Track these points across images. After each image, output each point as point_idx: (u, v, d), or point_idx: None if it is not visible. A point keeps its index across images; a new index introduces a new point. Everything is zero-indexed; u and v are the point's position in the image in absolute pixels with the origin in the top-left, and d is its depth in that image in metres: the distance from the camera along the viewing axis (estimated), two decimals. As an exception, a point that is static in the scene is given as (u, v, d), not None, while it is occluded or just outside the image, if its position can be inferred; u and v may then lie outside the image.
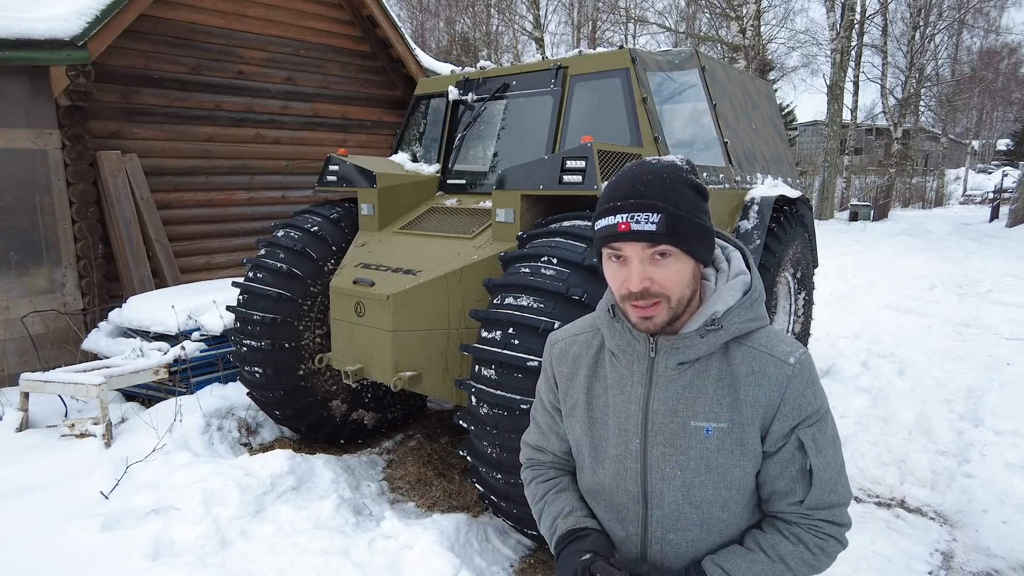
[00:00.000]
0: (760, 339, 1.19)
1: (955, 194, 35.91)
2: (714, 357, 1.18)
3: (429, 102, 4.68)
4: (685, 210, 1.10)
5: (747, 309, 1.17)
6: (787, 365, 1.15)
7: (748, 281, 1.20)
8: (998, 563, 3.17)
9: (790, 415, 1.15)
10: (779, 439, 1.16)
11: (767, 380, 1.15)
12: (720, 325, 1.15)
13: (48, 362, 5.46)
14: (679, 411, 1.18)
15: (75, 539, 2.91)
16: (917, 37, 26.19)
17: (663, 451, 1.19)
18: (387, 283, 3.37)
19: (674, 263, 1.11)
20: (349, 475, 3.83)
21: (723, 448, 1.16)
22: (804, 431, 1.15)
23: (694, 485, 1.18)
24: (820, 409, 1.16)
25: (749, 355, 1.17)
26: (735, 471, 1.17)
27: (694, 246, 1.12)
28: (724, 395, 1.16)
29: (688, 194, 1.11)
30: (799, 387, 1.15)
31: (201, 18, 6.65)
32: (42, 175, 5.60)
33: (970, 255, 13.52)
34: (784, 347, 1.17)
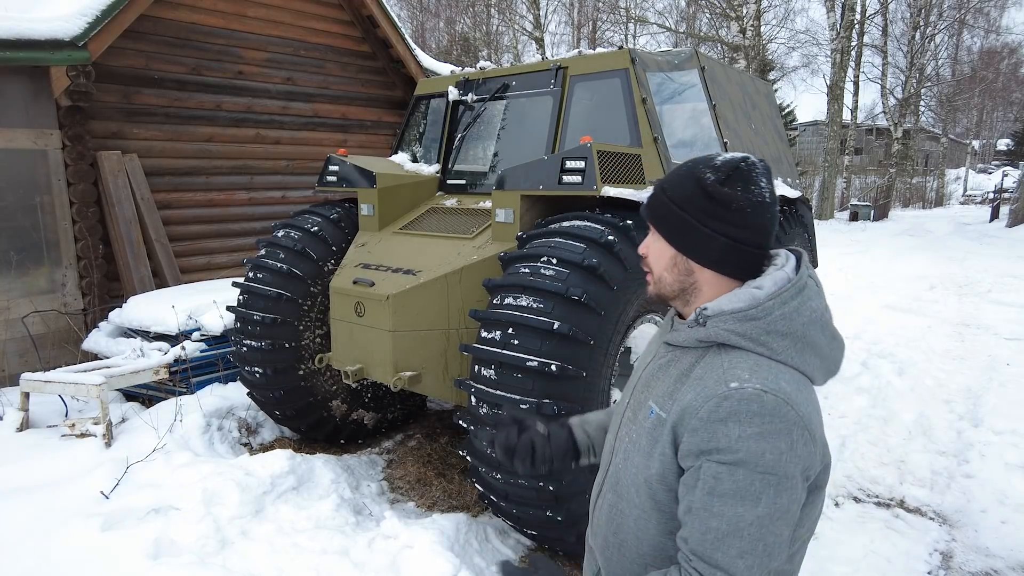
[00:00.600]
0: (736, 358, 1.09)
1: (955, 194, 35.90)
2: (692, 352, 1.17)
3: (429, 102, 4.68)
4: (672, 197, 1.15)
5: (737, 322, 1.09)
6: (726, 387, 1.05)
7: (758, 297, 1.10)
8: (997, 563, 3.18)
9: (699, 432, 1.04)
10: (688, 456, 1.07)
11: (701, 389, 1.08)
12: (704, 322, 1.13)
13: (48, 362, 5.46)
14: (650, 385, 1.23)
15: (75, 539, 2.91)
16: (917, 37, 26.18)
17: (629, 416, 1.26)
18: (387, 283, 3.38)
19: (656, 241, 1.21)
20: (349, 475, 3.83)
21: (652, 434, 1.15)
22: (709, 463, 1.03)
23: (629, 457, 1.21)
24: (741, 453, 1.00)
25: (712, 364, 1.11)
26: (649, 460, 1.15)
27: (668, 231, 1.17)
28: (676, 389, 1.14)
29: (684, 185, 1.14)
30: (719, 413, 1.03)
31: (201, 18, 6.66)
32: (42, 175, 5.60)
33: (970, 255, 13.52)
34: (743, 375, 1.05)
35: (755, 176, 1.13)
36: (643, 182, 3.36)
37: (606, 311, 2.82)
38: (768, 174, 1.16)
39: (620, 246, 2.89)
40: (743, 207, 1.11)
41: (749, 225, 1.12)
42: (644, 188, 3.29)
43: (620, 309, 2.91)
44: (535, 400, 2.63)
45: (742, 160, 1.13)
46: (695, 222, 1.13)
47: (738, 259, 1.14)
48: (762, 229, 1.13)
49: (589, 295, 2.74)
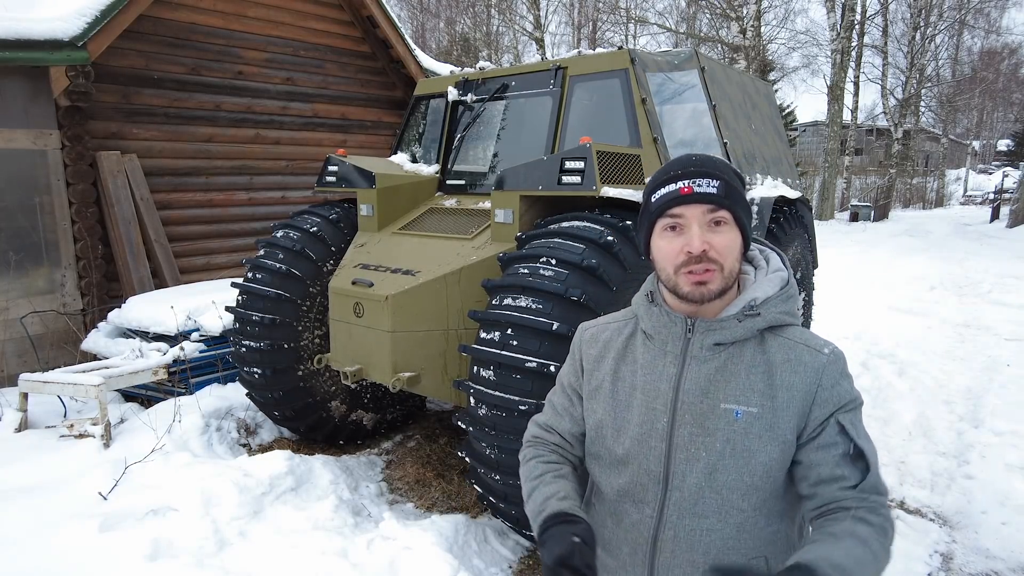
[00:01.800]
0: (795, 332, 1.23)
1: (955, 195, 35.91)
2: (749, 343, 1.22)
3: (428, 103, 4.68)
4: (739, 184, 1.21)
5: (783, 302, 1.23)
6: (822, 355, 1.19)
7: (786, 277, 1.26)
8: (997, 564, 3.17)
9: (828, 401, 1.16)
10: (819, 424, 1.16)
11: (803, 368, 1.18)
12: (758, 312, 1.20)
13: (47, 362, 5.46)
14: (710, 392, 1.20)
15: (74, 540, 2.91)
16: (917, 37, 26.18)
17: (691, 431, 1.20)
18: (386, 284, 3.37)
19: (729, 231, 1.18)
20: (348, 476, 3.83)
21: (751, 432, 1.17)
22: (843, 415, 1.16)
23: (717, 468, 1.18)
24: (856, 399, 1.19)
25: (785, 345, 1.21)
26: (760, 456, 1.17)
27: (745, 219, 1.21)
28: (757, 380, 1.19)
29: (735, 175, 1.22)
30: (835, 375, 1.18)
31: (201, 18, 6.65)
32: (42, 175, 5.60)
33: (970, 256, 13.51)
34: (818, 340, 1.22)
35: None
36: (643, 182, 3.35)
37: (605, 312, 2.81)
38: None
39: (619, 247, 2.89)
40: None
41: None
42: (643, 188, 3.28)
43: (619, 309, 2.90)
44: (534, 401, 2.62)
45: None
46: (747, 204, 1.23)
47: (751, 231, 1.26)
48: None
49: (588, 296, 2.73)
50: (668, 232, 1.20)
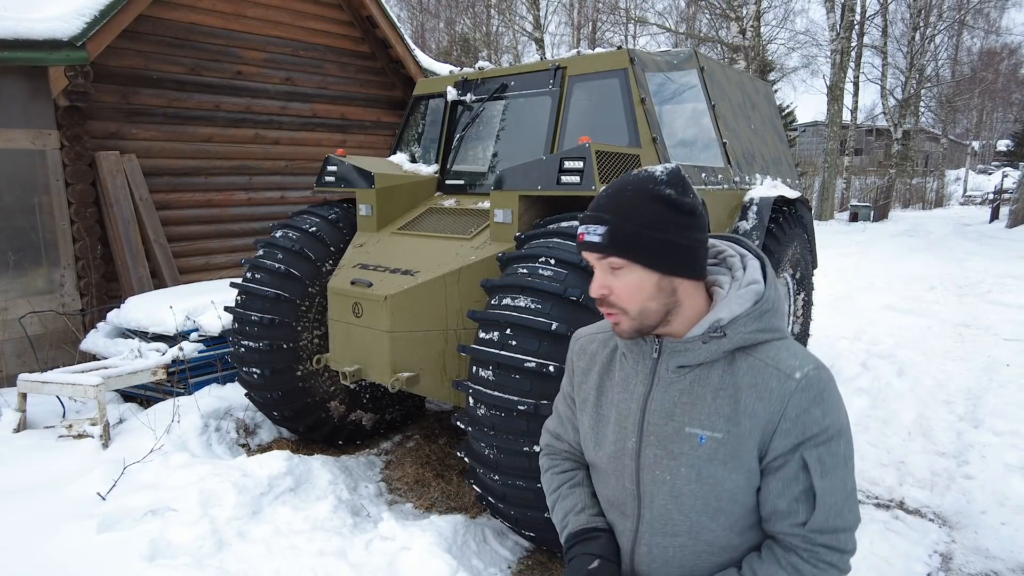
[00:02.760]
0: (769, 351, 1.14)
1: (955, 195, 35.90)
2: (717, 365, 1.15)
3: (428, 102, 4.68)
4: (638, 222, 1.09)
5: (755, 320, 1.13)
6: (791, 380, 1.10)
7: (760, 291, 1.15)
8: (997, 565, 3.17)
9: (792, 432, 1.09)
10: (780, 456, 1.11)
11: (769, 394, 1.10)
12: (723, 333, 1.12)
13: (46, 363, 5.45)
14: (675, 415, 1.17)
15: (72, 540, 2.90)
16: (917, 38, 26.18)
17: (655, 452, 1.18)
18: (385, 284, 3.37)
19: (627, 275, 1.12)
20: (347, 476, 3.82)
21: (715, 458, 1.13)
22: (809, 451, 1.09)
23: (683, 492, 1.16)
24: (829, 429, 1.09)
25: (754, 366, 1.13)
26: (726, 483, 1.13)
27: (648, 258, 1.11)
28: (724, 405, 1.13)
29: (649, 207, 1.10)
30: (803, 404, 1.09)
31: (200, 18, 6.65)
32: (41, 175, 5.60)
33: (970, 256, 13.51)
34: (792, 361, 1.11)
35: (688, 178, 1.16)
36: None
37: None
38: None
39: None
40: (701, 210, 1.15)
41: (706, 224, 1.16)
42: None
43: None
44: (533, 401, 2.62)
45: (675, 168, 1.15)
46: (679, 240, 1.11)
47: (704, 259, 1.17)
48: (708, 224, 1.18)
49: (588, 296, 2.73)
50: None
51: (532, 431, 2.64)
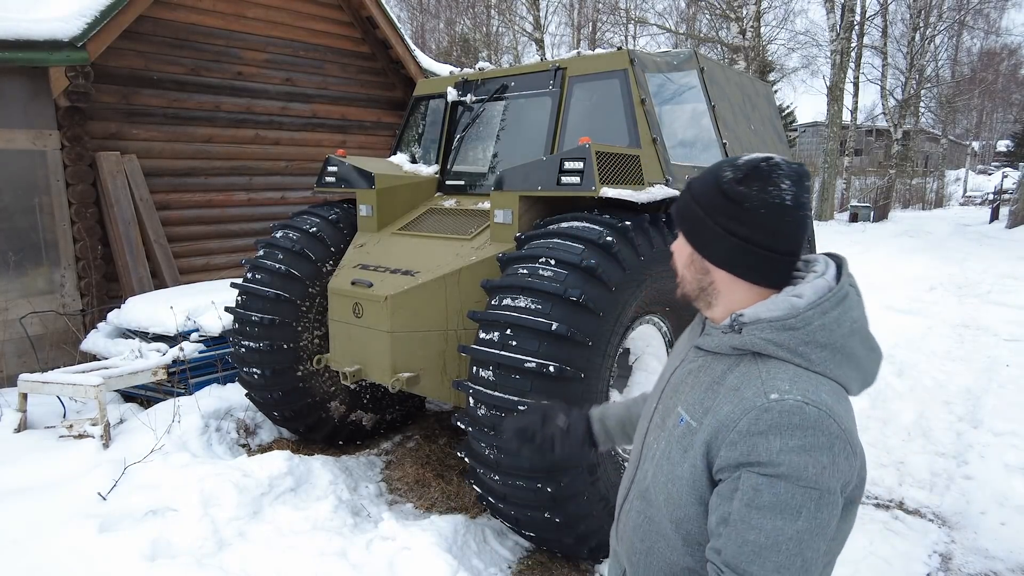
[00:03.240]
0: (773, 368, 1.06)
1: (955, 195, 35.89)
2: (724, 359, 1.14)
3: (428, 103, 4.68)
4: (693, 194, 1.15)
5: (774, 331, 1.06)
6: (764, 398, 1.02)
7: (798, 306, 1.06)
8: (996, 565, 3.17)
9: (738, 446, 1.01)
10: (724, 469, 1.04)
11: (739, 402, 1.05)
12: (740, 328, 1.10)
13: (47, 363, 5.46)
14: (677, 391, 1.21)
15: (73, 540, 2.91)
16: (917, 38, 26.18)
17: (656, 422, 1.25)
18: (385, 284, 3.37)
19: (678, 241, 1.20)
20: (347, 476, 3.83)
21: (681, 442, 1.13)
22: (749, 474, 1.00)
23: (660, 464, 1.17)
24: (782, 467, 0.97)
25: (746, 374, 1.08)
26: (677, 470, 1.12)
27: (685, 227, 1.17)
28: (708, 398, 1.11)
29: (707, 185, 1.12)
30: (760, 425, 1.00)
31: (200, 19, 6.65)
32: (41, 176, 5.60)
33: (970, 256, 13.51)
34: (783, 386, 1.02)
35: (776, 177, 1.07)
36: (642, 183, 3.35)
37: (604, 312, 2.81)
38: (797, 178, 1.08)
39: (618, 247, 2.89)
40: (756, 207, 1.06)
41: (761, 226, 1.07)
42: (643, 189, 3.28)
43: (618, 310, 2.91)
44: (533, 401, 2.62)
45: (763, 160, 1.09)
46: (707, 219, 1.11)
47: (752, 262, 1.10)
48: (778, 232, 1.08)
49: (587, 296, 2.73)
50: None
51: (532, 431, 2.64)
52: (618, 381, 3.50)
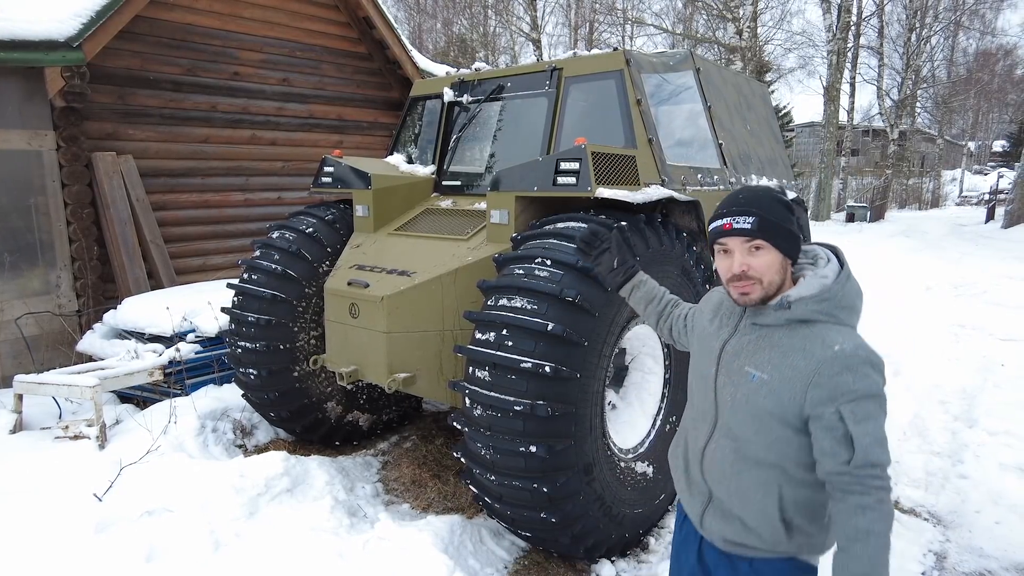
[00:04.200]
0: (824, 329, 1.52)
1: (951, 195, 35.95)
2: (780, 329, 1.57)
3: (424, 103, 4.68)
4: (774, 217, 1.53)
5: (817, 303, 1.53)
6: (830, 350, 1.47)
7: (827, 284, 1.54)
8: (991, 563, 3.18)
9: (825, 388, 1.45)
10: (818, 406, 1.46)
11: (809, 356, 1.49)
12: (788, 306, 1.54)
13: (43, 364, 5.44)
14: (740, 355, 1.62)
15: (68, 542, 2.90)
16: (913, 39, 26.26)
17: (723, 380, 1.65)
18: (381, 284, 3.37)
19: (766, 254, 1.55)
20: (344, 477, 3.83)
21: (760, 391, 1.55)
22: (844, 405, 1.43)
23: (737, 411, 1.60)
24: (860, 391, 1.43)
25: (807, 336, 1.52)
26: (762, 408, 1.54)
27: (781, 243, 1.54)
28: (775, 356, 1.55)
29: (777, 207, 1.55)
30: (836, 368, 1.45)
31: (197, 19, 6.64)
32: (37, 176, 5.59)
33: (966, 256, 13.55)
34: (838, 339, 1.49)
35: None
36: (638, 183, 3.35)
37: (600, 312, 2.82)
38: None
39: (614, 247, 2.89)
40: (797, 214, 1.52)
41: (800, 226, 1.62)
42: (639, 189, 3.29)
43: (614, 310, 2.91)
44: (529, 402, 2.62)
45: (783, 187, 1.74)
46: (794, 230, 1.56)
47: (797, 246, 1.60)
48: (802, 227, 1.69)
49: (583, 296, 2.74)
50: (721, 254, 1.61)
51: (528, 431, 2.65)
52: (614, 381, 3.50)
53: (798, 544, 1.58)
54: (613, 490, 3.01)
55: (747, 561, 1.64)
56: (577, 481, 2.77)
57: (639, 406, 3.49)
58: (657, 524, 3.49)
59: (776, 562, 1.61)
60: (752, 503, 1.59)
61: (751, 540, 1.61)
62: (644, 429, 3.43)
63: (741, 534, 1.62)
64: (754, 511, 1.59)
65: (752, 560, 1.64)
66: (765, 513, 1.57)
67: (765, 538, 1.59)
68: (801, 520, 1.56)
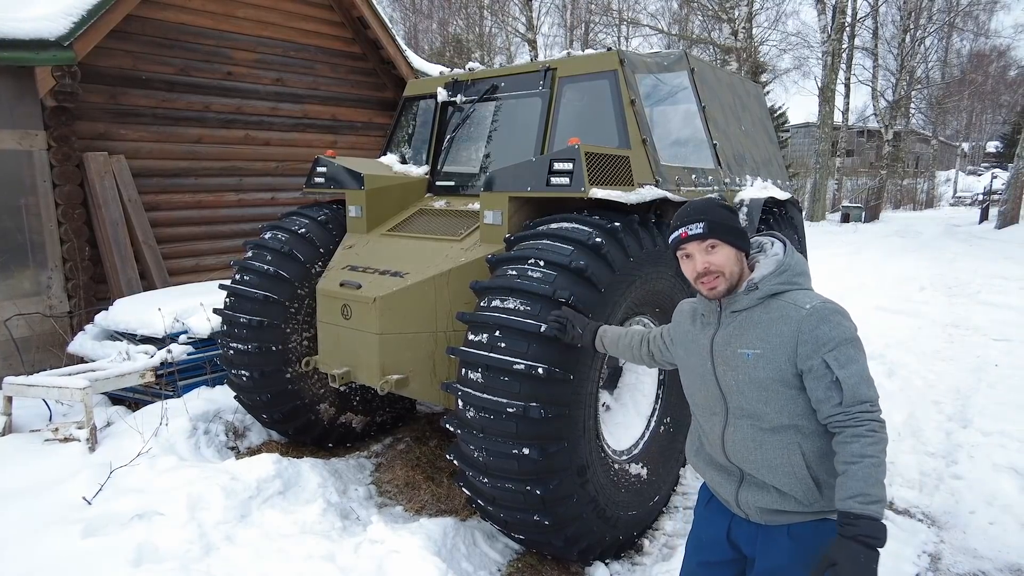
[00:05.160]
0: (791, 296, 1.76)
1: (945, 196, 36.10)
2: (757, 308, 1.79)
3: (418, 103, 4.66)
4: (719, 219, 1.79)
5: (777, 276, 1.77)
6: (802, 310, 1.71)
7: (780, 259, 1.80)
8: (985, 564, 3.18)
9: (809, 343, 1.67)
10: (808, 360, 1.67)
11: (788, 320, 1.72)
12: (756, 286, 1.78)
13: (33, 365, 5.40)
14: (730, 342, 1.81)
15: (57, 545, 2.87)
16: (907, 40, 26.36)
17: (722, 369, 1.83)
18: (374, 285, 3.35)
19: (721, 250, 1.79)
20: (336, 479, 3.80)
21: (757, 365, 1.75)
22: (827, 354, 1.66)
23: (743, 390, 1.78)
24: (837, 338, 1.66)
25: (779, 306, 1.76)
26: (763, 378, 1.74)
27: (730, 238, 1.79)
28: (761, 332, 1.76)
29: (721, 211, 1.82)
30: (812, 324, 1.68)
31: (190, 18, 6.61)
32: (27, 176, 5.54)
33: (960, 256, 13.59)
34: (805, 300, 1.73)
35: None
36: (631, 184, 3.34)
37: (594, 313, 2.80)
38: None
39: (608, 248, 2.88)
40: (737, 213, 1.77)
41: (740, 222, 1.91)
42: (632, 190, 3.27)
43: (608, 311, 2.90)
44: (522, 403, 2.61)
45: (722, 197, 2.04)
46: (742, 228, 1.84)
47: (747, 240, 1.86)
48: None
49: (576, 297, 2.72)
50: (684, 260, 1.86)
51: (521, 433, 2.63)
52: (608, 383, 3.49)
53: (829, 499, 1.71)
54: (607, 492, 2.99)
55: (784, 529, 1.78)
56: (571, 483, 2.76)
57: (633, 408, 3.47)
58: (651, 526, 3.48)
59: (812, 524, 1.76)
60: (780, 468, 1.74)
61: (788, 505, 1.76)
62: (638, 431, 3.42)
63: (778, 501, 1.77)
64: (783, 475, 1.74)
65: (790, 527, 1.77)
66: (794, 474, 1.73)
67: (800, 499, 1.74)
68: (825, 474, 1.72)
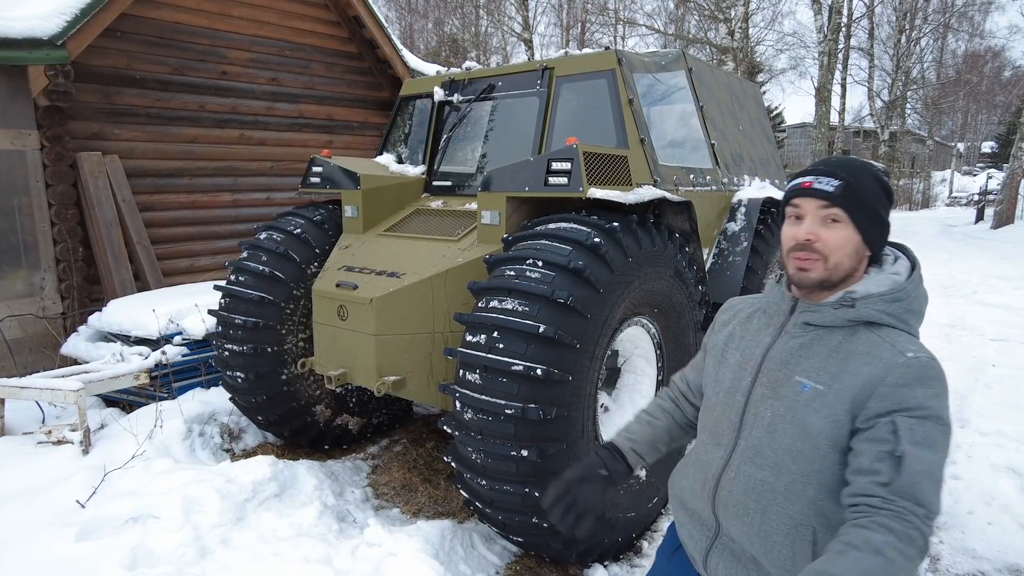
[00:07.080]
0: (891, 334, 1.27)
1: (941, 196, 36.21)
2: (839, 331, 1.30)
3: (414, 103, 4.64)
4: (863, 190, 1.28)
5: (886, 303, 1.28)
6: (902, 356, 1.22)
7: (900, 282, 1.31)
8: (984, 565, 3.17)
9: (888, 397, 1.19)
10: (873, 418, 1.19)
11: (877, 362, 1.23)
12: (852, 304, 1.29)
13: (26, 367, 5.35)
14: (789, 363, 1.34)
15: (50, 549, 2.84)
16: (903, 40, 26.43)
17: (763, 392, 1.36)
18: (370, 286, 3.33)
19: (841, 229, 1.28)
20: (333, 481, 3.77)
21: (811, 405, 1.27)
22: (903, 418, 1.17)
23: (777, 429, 1.31)
24: (929, 410, 1.17)
25: (873, 341, 1.27)
26: (812, 428, 1.26)
27: (863, 221, 1.28)
28: (833, 364, 1.28)
29: (872, 183, 1.30)
30: (906, 378, 1.19)
31: (185, 18, 6.57)
32: (20, 177, 5.50)
33: (955, 257, 13.62)
34: (910, 346, 1.24)
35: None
36: (630, 183, 3.33)
37: (592, 314, 2.79)
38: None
39: (606, 248, 2.86)
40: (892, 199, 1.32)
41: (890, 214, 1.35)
42: (631, 189, 3.26)
43: (606, 312, 2.88)
44: (520, 405, 2.59)
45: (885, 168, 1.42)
46: (883, 215, 1.32)
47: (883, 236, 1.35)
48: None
49: (575, 298, 2.70)
50: (791, 220, 1.35)
51: (519, 435, 2.61)
52: (606, 383, 3.47)
53: None
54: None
55: None
56: (569, 485, 2.74)
57: (632, 409, 3.46)
58: (650, 528, 3.46)
59: None
60: (777, 548, 1.30)
61: None
62: (637, 432, 3.40)
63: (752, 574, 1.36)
64: (779, 557, 1.30)
65: None
66: (792, 560, 1.29)
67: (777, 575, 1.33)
68: None
